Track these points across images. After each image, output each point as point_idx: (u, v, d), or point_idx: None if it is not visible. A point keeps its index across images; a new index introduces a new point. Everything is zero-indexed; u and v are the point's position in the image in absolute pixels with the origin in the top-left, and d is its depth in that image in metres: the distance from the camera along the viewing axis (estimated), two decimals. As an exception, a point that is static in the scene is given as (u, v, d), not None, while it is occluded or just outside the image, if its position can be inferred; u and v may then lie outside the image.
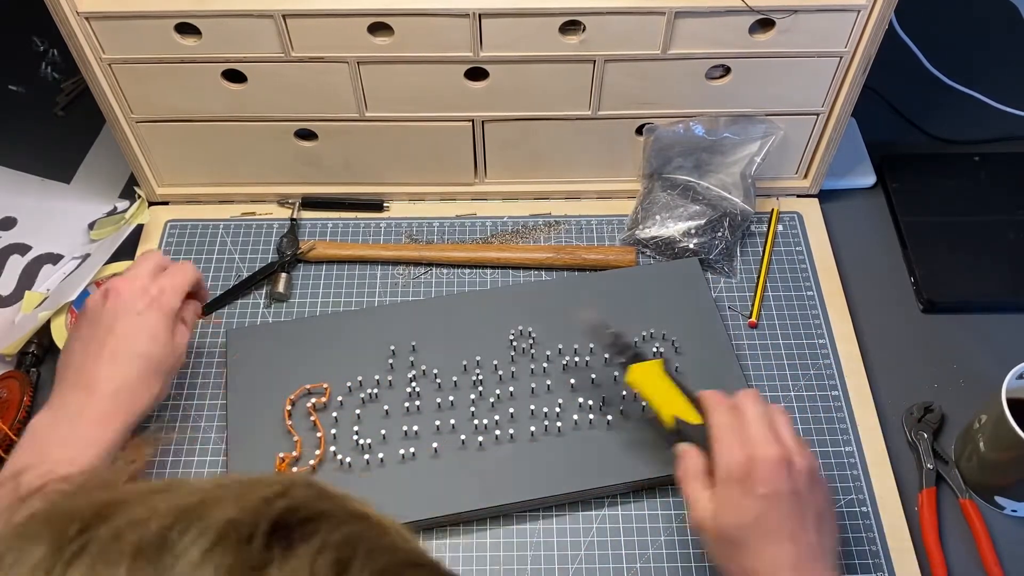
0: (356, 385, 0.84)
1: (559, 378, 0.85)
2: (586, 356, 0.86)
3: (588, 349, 0.86)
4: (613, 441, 0.81)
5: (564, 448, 0.81)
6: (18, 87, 1.16)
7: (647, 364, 0.77)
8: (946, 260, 0.95)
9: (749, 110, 0.92)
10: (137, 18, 0.82)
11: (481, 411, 0.83)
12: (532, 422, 0.82)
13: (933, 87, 1.13)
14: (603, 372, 0.85)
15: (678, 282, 0.91)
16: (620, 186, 1.00)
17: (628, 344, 0.80)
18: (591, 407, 0.83)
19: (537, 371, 0.85)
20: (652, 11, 0.82)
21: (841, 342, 0.90)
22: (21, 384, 0.85)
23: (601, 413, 0.82)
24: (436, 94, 0.90)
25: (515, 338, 0.87)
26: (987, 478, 0.80)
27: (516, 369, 0.85)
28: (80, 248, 0.98)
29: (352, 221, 1.00)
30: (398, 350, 0.86)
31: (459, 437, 0.81)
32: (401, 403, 0.83)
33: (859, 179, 1.04)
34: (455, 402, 0.83)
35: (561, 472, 0.79)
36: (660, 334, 0.87)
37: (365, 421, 0.82)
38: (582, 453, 0.80)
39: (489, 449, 0.80)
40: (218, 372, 0.88)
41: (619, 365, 0.81)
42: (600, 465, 0.79)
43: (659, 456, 0.79)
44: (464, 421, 0.82)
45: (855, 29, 0.84)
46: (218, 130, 0.94)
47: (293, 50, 0.85)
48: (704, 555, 0.77)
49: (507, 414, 0.82)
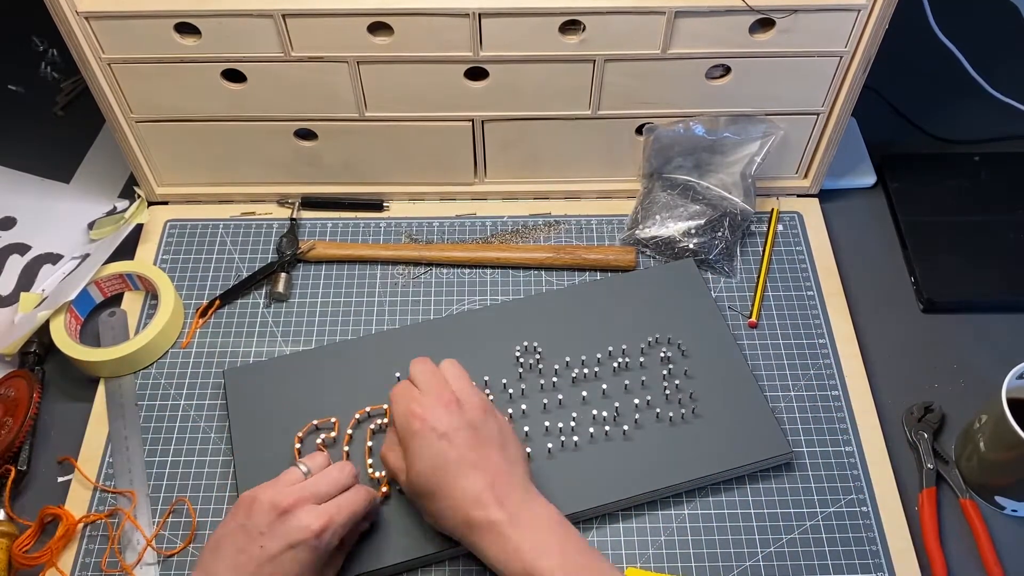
0: (364, 416, 0.83)
1: (570, 392, 0.84)
2: (595, 367, 0.85)
3: (596, 359, 0.85)
4: (631, 452, 0.80)
5: (583, 463, 0.79)
6: (18, 87, 1.16)
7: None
8: (946, 260, 0.95)
9: (749, 110, 0.92)
10: (137, 18, 0.82)
11: None
12: (548, 439, 0.80)
13: (933, 87, 1.13)
14: (613, 382, 0.84)
15: (677, 284, 0.91)
16: (620, 186, 1.00)
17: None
18: (605, 419, 0.82)
19: (547, 386, 0.84)
20: (652, 11, 0.82)
21: (841, 342, 0.90)
22: (29, 382, 0.85)
23: (616, 424, 0.81)
24: (436, 94, 0.90)
25: (521, 354, 0.86)
26: (987, 478, 0.80)
27: (525, 387, 0.84)
28: (80, 248, 0.98)
29: (352, 221, 1.00)
30: (403, 376, 0.84)
31: None
32: None
33: (859, 179, 1.04)
34: None
35: (582, 489, 0.78)
36: (665, 338, 0.87)
37: (378, 453, 0.80)
38: (602, 466, 0.79)
39: None
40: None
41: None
42: (622, 477, 0.78)
43: (680, 464, 0.79)
44: None
45: (855, 29, 0.84)
46: (218, 130, 0.94)
47: (293, 50, 0.85)
48: (704, 555, 0.77)
49: (521, 434, 0.81)
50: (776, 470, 0.81)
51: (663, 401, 0.83)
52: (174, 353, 0.90)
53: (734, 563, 0.76)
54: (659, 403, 0.82)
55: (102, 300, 0.94)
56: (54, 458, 0.84)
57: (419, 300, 0.93)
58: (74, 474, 0.82)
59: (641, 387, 0.84)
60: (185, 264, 0.96)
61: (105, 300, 0.94)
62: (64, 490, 0.81)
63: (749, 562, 0.76)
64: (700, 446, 0.80)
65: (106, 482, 0.81)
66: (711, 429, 0.81)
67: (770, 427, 0.81)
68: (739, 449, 0.80)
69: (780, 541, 0.78)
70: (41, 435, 0.85)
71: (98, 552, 0.78)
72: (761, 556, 0.77)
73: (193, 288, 0.95)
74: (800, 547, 0.77)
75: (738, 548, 0.77)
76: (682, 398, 0.83)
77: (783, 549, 0.77)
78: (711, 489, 0.80)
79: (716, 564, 0.76)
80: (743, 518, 0.79)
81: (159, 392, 0.87)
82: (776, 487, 0.80)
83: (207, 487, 0.81)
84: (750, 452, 0.79)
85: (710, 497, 0.80)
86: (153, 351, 0.88)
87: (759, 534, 0.78)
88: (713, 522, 0.79)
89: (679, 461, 0.79)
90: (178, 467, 0.82)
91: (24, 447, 0.83)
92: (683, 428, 0.81)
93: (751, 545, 0.77)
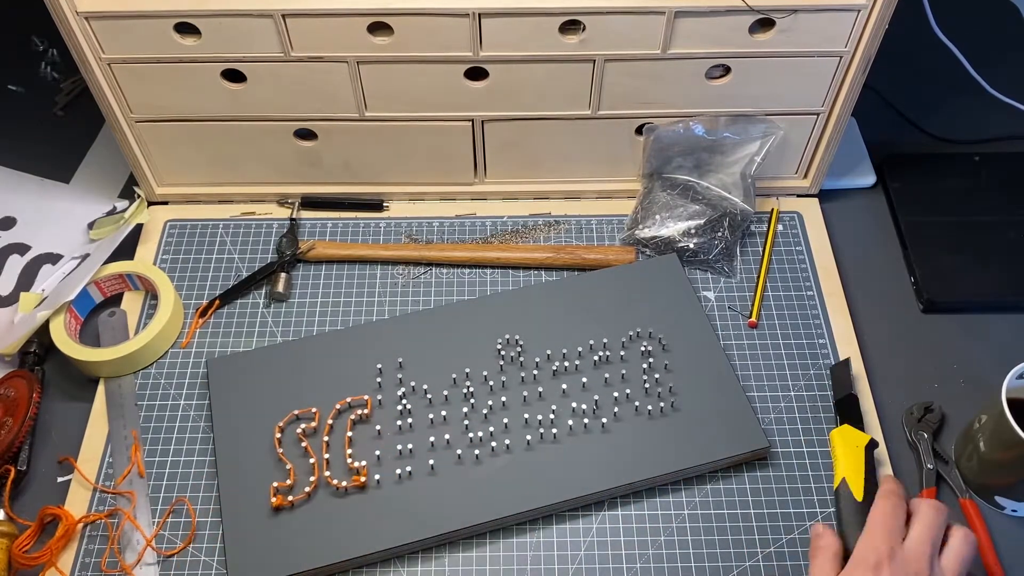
0: (345, 407, 0.83)
1: (550, 384, 0.84)
2: (575, 361, 0.85)
3: (577, 353, 0.86)
4: (609, 444, 0.81)
5: (561, 455, 0.80)
6: (17, 87, 1.16)
7: (854, 432, 0.78)
8: (946, 260, 0.95)
9: (749, 110, 0.92)
10: (137, 18, 0.82)
11: (474, 424, 0.82)
12: (527, 431, 0.81)
13: (933, 87, 1.13)
14: (593, 375, 0.84)
15: (659, 278, 0.91)
16: (620, 186, 1.00)
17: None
18: (584, 411, 0.82)
19: (527, 379, 0.85)
20: (652, 11, 0.82)
21: (841, 342, 0.90)
22: (28, 382, 0.85)
23: (595, 417, 0.82)
24: (436, 94, 0.90)
25: (502, 347, 0.87)
26: (987, 478, 0.80)
27: (506, 379, 0.85)
28: (80, 248, 0.98)
29: (352, 221, 1.00)
30: (385, 368, 0.85)
31: (455, 452, 0.80)
32: (393, 422, 0.82)
33: (859, 179, 1.04)
34: (447, 417, 0.82)
35: (560, 479, 0.78)
36: (647, 332, 0.87)
37: (358, 443, 0.81)
38: (579, 459, 0.80)
39: (486, 462, 0.80)
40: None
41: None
42: (598, 469, 0.79)
43: (657, 457, 0.79)
44: (458, 435, 0.81)
45: (855, 29, 0.84)
46: (218, 130, 0.94)
47: (293, 50, 0.85)
48: (704, 555, 0.77)
49: (501, 425, 0.82)
50: (776, 470, 0.81)
51: (643, 395, 0.83)
52: (174, 353, 0.90)
53: (734, 563, 0.76)
54: (638, 396, 0.83)
55: (102, 300, 0.94)
56: (54, 458, 0.84)
57: (419, 300, 0.93)
58: (74, 474, 0.82)
59: (621, 380, 0.84)
60: (185, 264, 0.96)
61: (105, 300, 0.94)
62: (64, 490, 0.81)
63: (749, 562, 0.76)
64: (678, 440, 0.80)
65: (106, 482, 0.81)
66: (689, 423, 0.81)
67: (748, 421, 0.81)
68: (717, 442, 0.80)
69: (780, 541, 0.78)
70: (41, 435, 0.85)
71: (98, 552, 0.78)
72: (761, 556, 0.77)
73: (193, 288, 0.95)
74: (800, 547, 0.77)
75: (738, 548, 0.77)
76: (661, 392, 0.83)
77: (783, 549, 0.77)
78: (711, 489, 0.80)
79: (716, 564, 0.76)
80: (743, 518, 0.79)
81: (159, 392, 0.87)
82: (776, 487, 0.80)
83: (207, 487, 0.81)
84: (728, 446, 0.80)
85: (710, 497, 0.80)
86: (153, 351, 0.88)
87: (759, 534, 0.78)
88: (713, 522, 0.79)
89: (657, 454, 0.80)
90: (178, 467, 0.82)
91: (24, 447, 0.83)
92: (662, 421, 0.82)
93: (751, 545, 0.77)
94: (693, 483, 0.80)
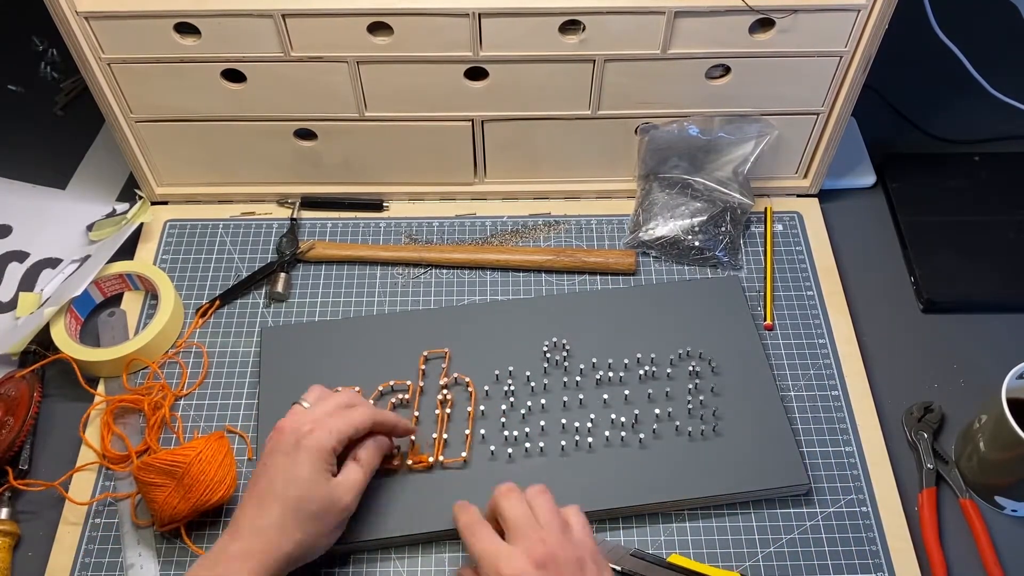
0: (388, 390, 0.84)
1: (592, 393, 0.83)
2: (620, 372, 0.85)
3: (623, 364, 0.85)
4: (644, 460, 0.79)
5: (595, 465, 0.79)
6: (17, 87, 1.16)
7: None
8: (946, 260, 0.95)
9: (749, 110, 0.92)
10: (136, 18, 0.82)
11: (512, 422, 0.82)
12: (563, 436, 0.81)
13: (933, 87, 1.13)
14: (637, 389, 0.83)
15: (717, 299, 0.90)
16: (620, 186, 1.00)
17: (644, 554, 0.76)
18: (623, 424, 0.81)
19: (570, 384, 0.84)
20: (652, 11, 0.82)
21: (841, 342, 0.90)
22: (29, 382, 0.85)
23: (633, 431, 0.81)
24: (436, 94, 0.90)
25: (549, 349, 0.86)
26: (987, 478, 0.80)
27: (548, 382, 0.84)
28: (79, 250, 0.98)
29: (352, 221, 1.00)
30: (430, 356, 0.86)
31: (488, 447, 0.80)
32: (432, 410, 0.82)
33: (859, 179, 1.04)
34: (486, 412, 0.82)
35: (590, 488, 0.78)
36: (697, 353, 0.86)
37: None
38: (612, 471, 0.79)
39: (519, 461, 0.79)
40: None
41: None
42: (630, 484, 0.78)
43: (691, 479, 0.78)
44: (494, 432, 0.81)
45: (855, 29, 0.84)
46: (218, 130, 0.94)
47: (292, 50, 0.85)
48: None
49: (538, 427, 0.81)
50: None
51: (685, 415, 0.82)
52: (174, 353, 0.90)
53: (734, 563, 0.76)
54: (681, 416, 0.82)
55: (102, 300, 0.94)
56: (54, 458, 0.84)
57: (419, 300, 0.93)
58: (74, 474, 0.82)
59: (665, 398, 0.83)
60: (185, 264, 0.96)
61: (105, 300, 0.94)
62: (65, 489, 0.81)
63: (749, 562, 0.76)
64: (716, 464, 0.79)
65: (106, 482, 0.81)
66: (730, 449, 0.80)
67: (790, 455, 0.79)
68: (755, 473, 0.78)
69: (780, 541, 0.78)
70: (41, 435, 0.85)
71: (98, 552, 0.78)
72: (761, 556, 0.77)
73: (193, 288, 0.95)
74: (800, 547, 0.77)
75: (738, 548, 0.77)
76: (704, 414, 0.82)
77: (783, 549, 0.77)
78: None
79: (716, 564, 0.76)
80: (743, 518, 0.79)
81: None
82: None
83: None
84: (766, 478, 0.78)
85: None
86: (153, 351, 0.88)
87: (759, 534, 0.78)
88: (713, 521, 0.78)
89: (692, 477, 0.78)
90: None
91: (25, 447, 0.83)
92: (702, 445, 0.80)
93: (751, 545, 0.77)
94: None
